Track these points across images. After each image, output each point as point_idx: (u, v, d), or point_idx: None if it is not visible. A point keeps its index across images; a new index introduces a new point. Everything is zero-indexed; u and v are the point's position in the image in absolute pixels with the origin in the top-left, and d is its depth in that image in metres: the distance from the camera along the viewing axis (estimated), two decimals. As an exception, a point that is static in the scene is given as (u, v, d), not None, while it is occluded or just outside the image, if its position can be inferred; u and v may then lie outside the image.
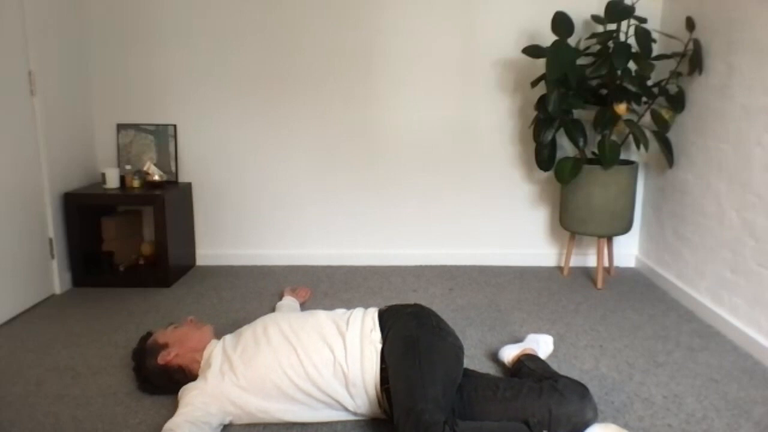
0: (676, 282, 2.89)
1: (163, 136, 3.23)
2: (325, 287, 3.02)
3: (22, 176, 2.66)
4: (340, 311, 1.92)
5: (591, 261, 3.39)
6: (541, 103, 2.86)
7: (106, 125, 3.26)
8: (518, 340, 2.34)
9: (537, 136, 2.91)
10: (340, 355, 1.72)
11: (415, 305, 1.89)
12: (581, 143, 2.85)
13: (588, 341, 2.39)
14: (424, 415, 1.49)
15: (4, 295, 2.56)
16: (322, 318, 1.84)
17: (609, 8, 2.69)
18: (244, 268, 3.35)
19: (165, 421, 1.69)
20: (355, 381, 1.71)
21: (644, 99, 2.86)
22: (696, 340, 2.41)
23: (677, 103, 2.82)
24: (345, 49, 3.17)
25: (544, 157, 2.98)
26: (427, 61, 3.18)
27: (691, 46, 2.72)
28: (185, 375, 1.85)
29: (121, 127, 3.23)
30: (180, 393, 1.77)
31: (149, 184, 3.10)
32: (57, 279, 2.91)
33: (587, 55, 2.89)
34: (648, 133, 3.10)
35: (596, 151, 2.86)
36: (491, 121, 3.25)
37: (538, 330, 2.49)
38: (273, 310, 2.65)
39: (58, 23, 2.90)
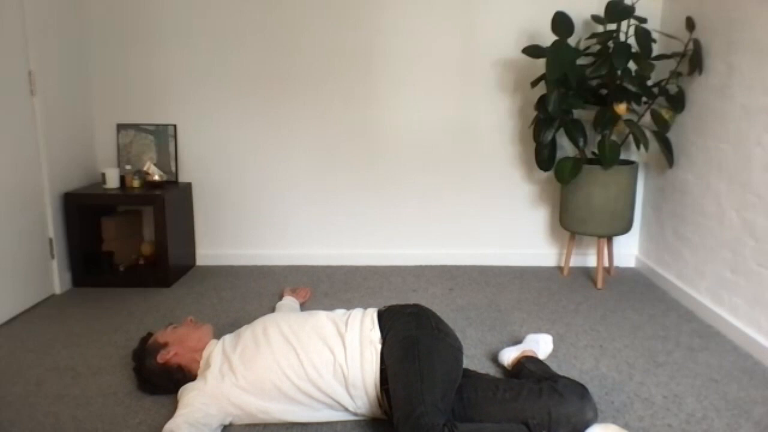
0: (676, 282, 2.89)
1: (163, 136, 3.23)
2: (325, 287, 3.02)
3: (22, 176, 2.66)
4: (340, 312, 1.92)
5: (591, 261, 3.39)
6: (541, 103, 2.86)
7: (106, 125, 3.26)
8: (518, 340, 2.34)
9: (537, 136, 2.91)
10: (340, 356, 1.72)
11: (415, 305, 1.89)
12: (581, 143, 2.85)
13: (588, 341, 2.39)
14: (423, 419, 1.48)
15: (4, 295, 2.56)
16: (322, 319, 1.84)
17: (609, 8, 2.69)
18: (244, 268, 3.35)
19: (165, 421, 1.70)
20: (355, 382, 1.71)
21: (644, 99, 2.86)
22: (696, 340, 2.41)
23: (677, 103, 2.82)
24: (345, 49, 3.17)
25: (544, 157, 2.98)
26: (427, 61, 3.18)
27: (691, 46, 2.72)
28: (185, 375, 1.86)
29: (121, 127, 3.23)
30: (179, 393, 1.77)
31: (149, 184, 3.10)
32: (57, 279, 2.91)
33: (587, 55, 2.89)
34: (648, 133, 3.10)
35: (596, 151, 2.86)
36: (491, 121, 3.25)
37: (538, 330, 2.49)
38: (273, 310, 2.65)
39: (58, 23, 2.90)
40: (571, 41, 2.95)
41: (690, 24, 2.72)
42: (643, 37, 2.69)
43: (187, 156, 3.30)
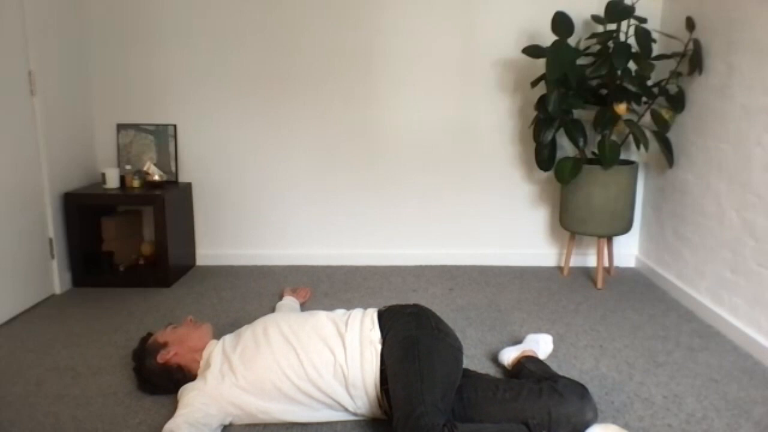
0: (676, 282, 2.89)
1: (163, 136, 3.23)
2: (325, 287, 3.02)
3: (22, 176, 2.66)
4: (340, 312, 1.92)
5: (591, 261, 3.39)
6: (541, 103, 2.86)
7: (106, 125, 3.26)
8: (518, 340, 2.34)
9: (537, 136, 2.91)
10: (340, 356, 1.72)
11: (415, 305, 1.89)
12: (581, 143, 2.85)
13: (588, 341, 2.39)
14: (423, 419, 1.48)
15: (4, 295, 2.56)
16: (322, 319, 1.84)
17: (609, 8, 2.69)
18: (244, 268, 3.35)
19: (165, 421, 1.70)
20: (355, 382, 1.71)
21: (644, 99, 2.86)
22: (696, 340, 2.41)
23: (677, 103, 2.82)
24: (345, 49, 3.17)
25: (544, 157, 2.98)
26: (427, 61, 3.18)
27: (691, 46, 2.72)
28: (185, 374, 1.86)
29: (121, 127, 3.23)
30: (179, 393, 1.77)
31: (149, 184, 3.11)
32: (57, 279, 2.91)
33: (587, 55, 2.89)
34: (648, 133, 3.10)
35: (596, 151, 2.86)
36: (491, 121, 3.25)
37: (538, 330, 2.49)
38: (273, 310, 2.65)
39: (58, 23, 2.90)
40: (571, 41, 2.95)
41: (690, 24, 2.72)
42: (643, 37, 2.69)
43: (187, 156, 3.30)
